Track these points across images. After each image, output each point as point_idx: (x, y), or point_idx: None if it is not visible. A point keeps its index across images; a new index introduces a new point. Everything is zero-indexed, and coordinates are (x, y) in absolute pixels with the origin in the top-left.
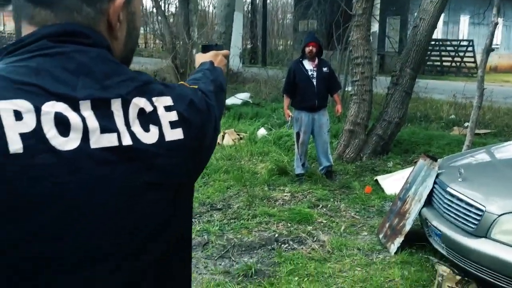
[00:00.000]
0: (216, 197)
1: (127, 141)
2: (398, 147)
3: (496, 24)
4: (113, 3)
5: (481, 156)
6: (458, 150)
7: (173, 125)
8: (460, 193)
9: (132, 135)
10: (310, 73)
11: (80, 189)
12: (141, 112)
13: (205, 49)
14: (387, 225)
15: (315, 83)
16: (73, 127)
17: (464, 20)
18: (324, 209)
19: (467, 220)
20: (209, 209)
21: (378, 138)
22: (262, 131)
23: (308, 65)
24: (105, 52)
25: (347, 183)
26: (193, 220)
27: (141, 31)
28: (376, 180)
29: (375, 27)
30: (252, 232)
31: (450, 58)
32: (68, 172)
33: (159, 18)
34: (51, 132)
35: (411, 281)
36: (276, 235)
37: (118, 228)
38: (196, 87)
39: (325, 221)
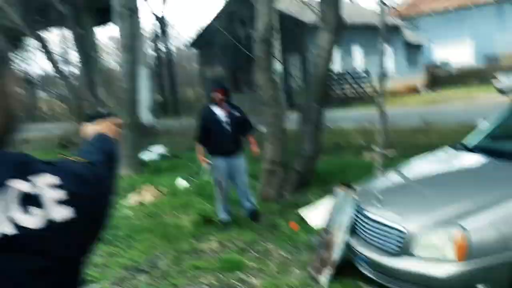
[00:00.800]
0: (140, 259)
1: (8, 229)
2: (317, 179)
3: (383, 51)
4: None
5: (393, 177)
6: (372, 174)
7: (61, 203)
8: (380, 216)
9: (13, 222)
10: (222, 119)
11: None
12: (21, 195)
13: (92, 118)
14: (316, 258)
15: (229, 128)
16: None
17: (358, 51)
18: (254, 253)
19: (390, 242)
20: (133, 273)
21: (296, 174)
22: (182, 182)
23: (218, 111)
24: None
25: (273, 223)
26: (115, 287)
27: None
28: (300, 215)
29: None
30: None
31: (351, 88)
32: None
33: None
34: None
35: None
36: None
37: None
38: (82, 160)
39: (256, 265)
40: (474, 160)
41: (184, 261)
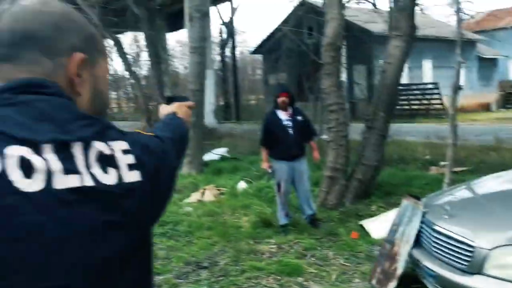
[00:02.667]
0: (201, 255)
1: (89, 182)
2: (379, 190)
3: (461, 63)
4: (71, 59)
5: (463, 192)
6: (438, 188)
7: (130, 167)
8: (448, 230)
9: (93, 176)
10: (285, 123)
11: (46, 228)
12: (100, 154)
13: (170, 100)
14: (378, 270)
15: (291, 132)
16: (37, 170)
17: (427, 64)
18: (313, 259)
19: (458, 257)
20: (195, 268)
21: (358, 183)
22: (242, 185)
23: (282, 115)
24: (67, 101)
25: (332, 230)
26: (179, 281)
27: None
28: (361, 225)
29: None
30: None
31: (418, 102)
32: (34, 212)
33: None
34: (15, 175)
35: None
36: None
37: (82, 266)
38: (152, 134)
39: (315, 271)
40: None
41: (243, 261)
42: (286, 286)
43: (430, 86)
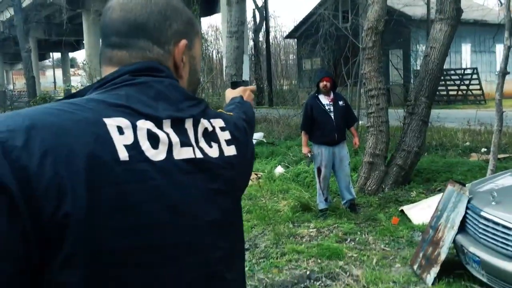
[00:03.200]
0: None
1: (198, 154)
2: (419, 176)
3: (510, 47)
4: (177, 46)
5: (509, 178)
6: (480, 175)
7: (228, 142)
8: (496, 216)
9: (201, 149)
10: (327, 107)
11: (173, 191)
12: (205, 131)
13: (234, 85)
14: (420, 255)
15: (333, 117)
16: (161, 141)
17: (466, 48)
18: (353, 243)
19: (506, 243)
20: None
21: (398, 168)
22: (279, 169)
23: (324, 99)
24: (176, 82)
25: (372, 215)
26: None
27: None
28: (402, 211)
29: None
30: (283, 271)
31: (456, 87)
32: (160, 177)
33: None
34: (145, 145)
35: None
36: (308, 272)
37: (202, 225)
38: (232, 114)
39: (355, 255)
40: None
41: (283, 244)
42: (326, 269)
43: (468, 71)
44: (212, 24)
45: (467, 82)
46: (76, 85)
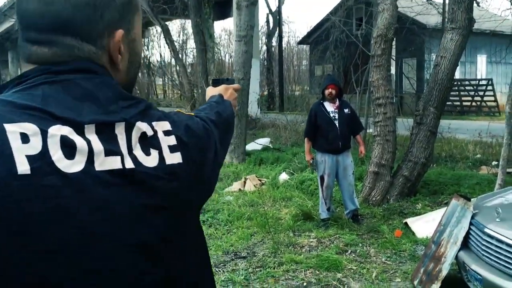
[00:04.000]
0: (240, 245)
1: (129, 164)
2: (426, 188)
3: None
4: (112, 39)
5: None
6: (489, 189)
7: (172, 149)
8: (500, 234)
9: (134, 158)
10: (332, 115)
11: (85, 210)
12: (143, 136)
13: (216, 83)
14: (421, 270)
15: (337, 124)
16: (79, 150)
17: (481, 59)
18: (353, 255)
19: (509, 262)
20: (233, 258)
21: (404, 180)
22: (283, 176)
23: (329, 107)
24: (109, 79)
25: (375, 227)
26: (217, 269)
27: (159, 81)
28: (406, 223)
29: (391, 68)
30: (279, 281)
31: (470, 98)
32: (74, 193)
33: (178, 68)
34: (57, 155)
35: None
36: (305, 283)
37: (124, 248)
38: (193, 114)
39: (355, 268)
40: None
41: (281, 253)
42: (324, 281)
43: (483, 82)
44: (226, 28)
45: (481, 93)
46: None
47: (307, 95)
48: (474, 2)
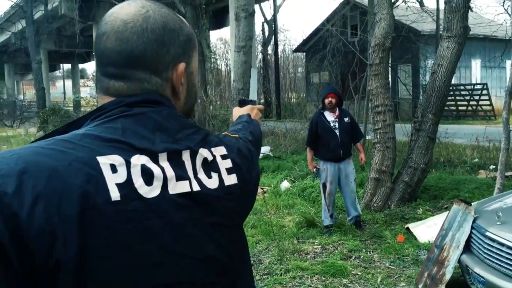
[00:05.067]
0: None
1: (196, 187)
2: (426, 193)
3: None
4: (176, 71)
5: None
6: (488, 193)
7: (229, 171)
8: (501, 237)
9: (199, 181)
10: (332, 124)
11: (167, 231)
12: (205, 161)
13: (242, 103)
14: (425, 274)
15: (338, 133)
16: (156, 177)
17: (476, 64)
18: (358, 261)
19: (510, 264)
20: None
21: (405, 185)
22: (285, 184)
23: (329, 116)
24: (174, 111)
25: (377, 233)
26: None
27: None
28: (408, 228)
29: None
30: None
31: (465, 102)
32: (155, 216)
33: None
34: (139, 182)
35: None
36: None
37: (196, 263)
38: (237, 136)
39: (360, 273)
40: None
41: (287, 260)
42: (331, 286)
43: (478, 86)
44: (222, 37)
45: (477, 97)
46: (85, 96)
47: (304, 102)
48: (469, 10)
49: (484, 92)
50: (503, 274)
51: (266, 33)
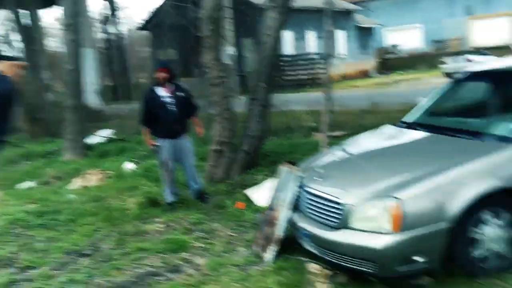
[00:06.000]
0: (83, 243)
1: None
2: (266, 160)
3: (330, 32)
4: None
5: (337, 153)
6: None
7: None
8: (320, 191)
9: None
10: (165, 100)
11: None
12: None
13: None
14: (261, 235)
15: (173, 109)
16: None
17: (311, 35)
18: (200, 233)
19: (329, 215)
20: (75, 257)
21: (244, 154)
22: (129, 166)
23: (162, 92)
24: None
25: (220, 203)
26: (56, 271)
27: None
28: (247, 195)
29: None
30: (125, 272)
31: (305, 72)
32: None
33: None
34: None
35: (287, 286)
36: (151, 269)
37: None
38: None
39: (202, 245)
40: (412, 135)
41: (127, 243)
42: (170, 263)
43: (314, 56)
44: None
45: (314, 66)
46: None
47: (153, 81)
48: None
49: (321, 61)
50: (323, 225)
51: (107, 12)
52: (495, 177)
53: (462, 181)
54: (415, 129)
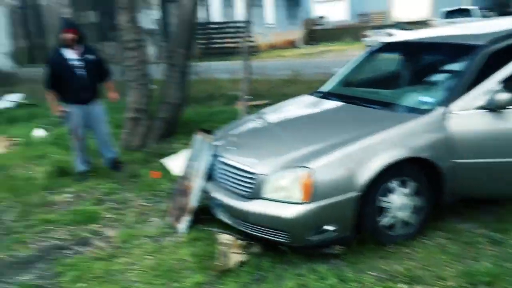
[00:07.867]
0: None
1: None
2: (184, 128)
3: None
4: None
5: (253, 122)
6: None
7: None
8: (233, 160)
9: None
10: (73, 62)
11: None
12: None
13: None
14: (174, 206)
15: (82, 73)
16: None
17: (238, 2)
18: (112, 203)
19: (242, 185)
20: None
21: (162, 122)
22: (39, 133)
23: (70, 54)
24: None
25: (135, 172)
26: None
27: None
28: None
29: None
30: (29, 245)
31: (231, 40)
32: None
33: None
34: None
35: (201, 257)
36: (58, 242)
37: None
38: None
39: (113, 216)
40: (327, 105)
41: (32, 215)
42: (78, 235)
43: (242, 24)
44: None
45: (241, 35)
46: None
47: None
48: None
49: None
50: (236, 194)
51: None
52: (403, 147)
53: (372, 151)
54: (330, 99)
